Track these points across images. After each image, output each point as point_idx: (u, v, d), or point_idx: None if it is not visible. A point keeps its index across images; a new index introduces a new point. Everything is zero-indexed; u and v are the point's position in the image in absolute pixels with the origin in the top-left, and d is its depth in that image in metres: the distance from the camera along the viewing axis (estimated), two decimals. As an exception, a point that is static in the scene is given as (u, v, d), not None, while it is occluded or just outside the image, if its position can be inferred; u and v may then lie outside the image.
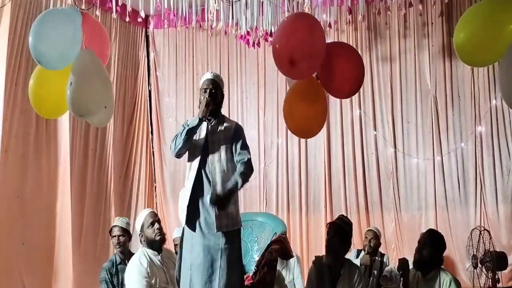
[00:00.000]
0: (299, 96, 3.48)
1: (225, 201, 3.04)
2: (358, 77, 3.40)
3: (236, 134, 3.18)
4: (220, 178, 3.10)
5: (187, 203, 3.11)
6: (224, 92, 3.31)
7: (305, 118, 3.51)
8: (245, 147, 3.17)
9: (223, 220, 3.08)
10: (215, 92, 3.17)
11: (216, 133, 3.17)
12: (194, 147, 3.17)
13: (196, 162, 3.14)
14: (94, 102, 3.29)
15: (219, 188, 3.05)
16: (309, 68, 3.25)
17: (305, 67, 3.18)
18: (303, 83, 3.46)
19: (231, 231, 3.14)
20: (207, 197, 3.09)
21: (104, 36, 3.66)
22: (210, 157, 3.13)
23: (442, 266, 3.68)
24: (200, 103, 3.19)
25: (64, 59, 3.20)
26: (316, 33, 3.19)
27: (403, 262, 3.57)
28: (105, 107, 3.39)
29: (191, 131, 3.12)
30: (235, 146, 3.15)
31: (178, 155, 3.18)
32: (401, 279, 3.54)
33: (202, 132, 3.18)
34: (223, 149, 3.13)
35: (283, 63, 3.12)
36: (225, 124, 3.21)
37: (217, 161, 3.12)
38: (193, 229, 3.11)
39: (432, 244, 3.46)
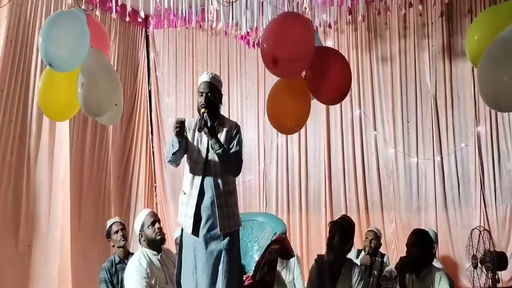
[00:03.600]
0: (283, 90, 3.46)
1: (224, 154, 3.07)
2: (343, 86, 3.38)
3: (234, 134, 3.21)
4: (221, 178, 3.13)
5: (193, 210, 3.11)
6: (222, 92, 3.30)
7: (286, 113, 3.48)
8: (238, 144, 3.19)
9: (225, 221, 3.11)
10: (211, 95, 3.16)
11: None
12: (198, 154, 3.17)
13: (200, 169, 3.15)
14: (105, 101, 3.29)
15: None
16: (294, 68, 3.22)
17: (289, 67, 3.15)
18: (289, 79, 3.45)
19: (232, 231, 3.16)
20: (208, 201, 3.11)
21: (105, 36, 3.66)
22: (211, 159, 3.14)
23: (436, 265, 3.69)
24: (198, 105, 3.19)
25: (74, 61, 3.21)
26: (303, 34, 3.14)
27: (400, 262, 3.58)
28: (116, 105, 3.39)
29: (179, 147, 3.08)
30: (232, 145, 3.18)
31: (176, 165, 3.22)
32: (396, 278, 3.55)
33: (203, 139, 3.18)
34: None
35: (267, 61, 3.11)
36: (225, 127, 3.21)
37: (218, 162, 3.13)
38: (197, 235, 3.12)
39: (420, 243, 3.47)
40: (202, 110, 3.09)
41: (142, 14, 5.22)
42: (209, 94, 3.15)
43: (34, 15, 4.84)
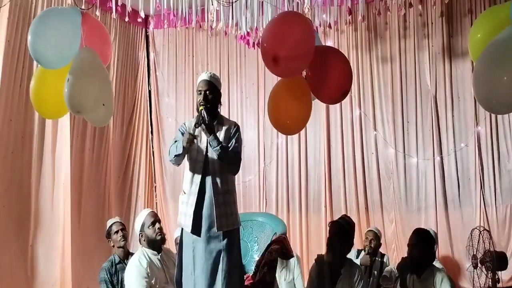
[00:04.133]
0: (284, 90, 3.46)
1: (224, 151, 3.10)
2: (344, 85, 3.37)
3: (234, 133, 3.23)
4: (220, 177, 3.15)
5: (193, 208, 3.13)
6: (221, 92, 3.33)
7: (287, 114, 3.49)
8: (237, 142, 3.21)
9: (223, 220, 3.11)
10: (210, 94, 3.19)
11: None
12: (197, 153, 3.19)
13: (200, 168, 3.16)
14: (90, 99, 3.24)
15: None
16: (294, 67, 3.22)
17: (289, 65, 3.15)
18: (289, 79, 3.44)
19: (231, 230, 3.17)
20: (207, 200, 3.12)
21: (105, 36, 3.64)
22: (211, 157, 3.16)
23: (436, 265, 3.69)
24: (197, 103, 3.22)
25: (62, 59, 3.20)
26: (303, 33, 3.15)
27: (402, 262, 3.58)
28: (103, 105, 3.34)
29: (183, 151, 3.12)
30: (230, 143, 3.19)
31: (177, 165, 3.24)
32: (397, 279, 3.55)
33: (203, 137, 3.20)
34: None
35: (267, 60, 3.11)
36: (224, 126, 3.24)
37: (217, 161, 3.14)
38: (198, 234, 3.13)
39: (421, 243, 3.47)
40: (200, 107, 3.12)
41: (142, 14, 5.22)
42: (207, 92, 3.19)
43: (35, 15, 4.84)
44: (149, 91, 6.62)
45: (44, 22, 3.19)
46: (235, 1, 4.86)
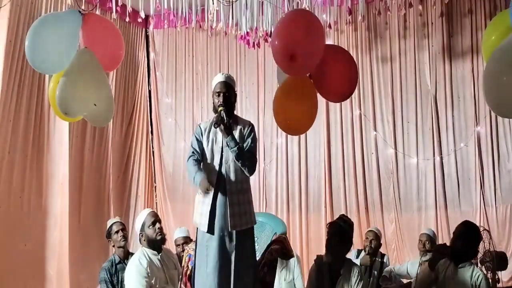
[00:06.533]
0: (290, 92, 3.46)
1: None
2: (350, 83, 3.38)
3: (248, 132, 3.26)
4: (234, 177, 3.17)
5: (209, 208, 3.15)
6: (236, 92, 3.36)
7: (294, 115, 3.49)
8: (252, 142, 3.24)
9: (236, 219, 3.13)
10: (228, 95, 3.22)
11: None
12: (212, 153, 3.22)
13: (215, 168, 3.19)
14: (77, 100, 3.21)
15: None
16: (308, 65, 3.25)
17: (305, 63, 3.18)
18: (295, 79, 3.45)
19: (245, 230, 3.18)
20: (222, 200, 3.14)
21: (117, 35, 3.60)
22: (225, 156, 3.18)
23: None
24: (214, 106, 3.25)
25: (58, 65, 3.19)
26: (316, 30, 3.20)
27: (443, 246, 3.53)
28: (95, 105, 3.29)
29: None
30: (246, 143, 3.22)
31: None
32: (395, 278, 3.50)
33: (218, 137, 3.22)
34: None
35: (284, 57, 3.12)
36: (239, 126, 3.27)
37: (231, 160, 3.17)
38: (212, 233, 3.15)
39: (467, 236, 3.38)
40: (220, 108, 3.15)
41: (142, 14, 5.23)
42: (226, 94, 3.21)
43: (36, 15, 4.84)
44: (149, 91, 6.62)
45: (40, 31, 3.17)
46: (235, 1, 4.86)
